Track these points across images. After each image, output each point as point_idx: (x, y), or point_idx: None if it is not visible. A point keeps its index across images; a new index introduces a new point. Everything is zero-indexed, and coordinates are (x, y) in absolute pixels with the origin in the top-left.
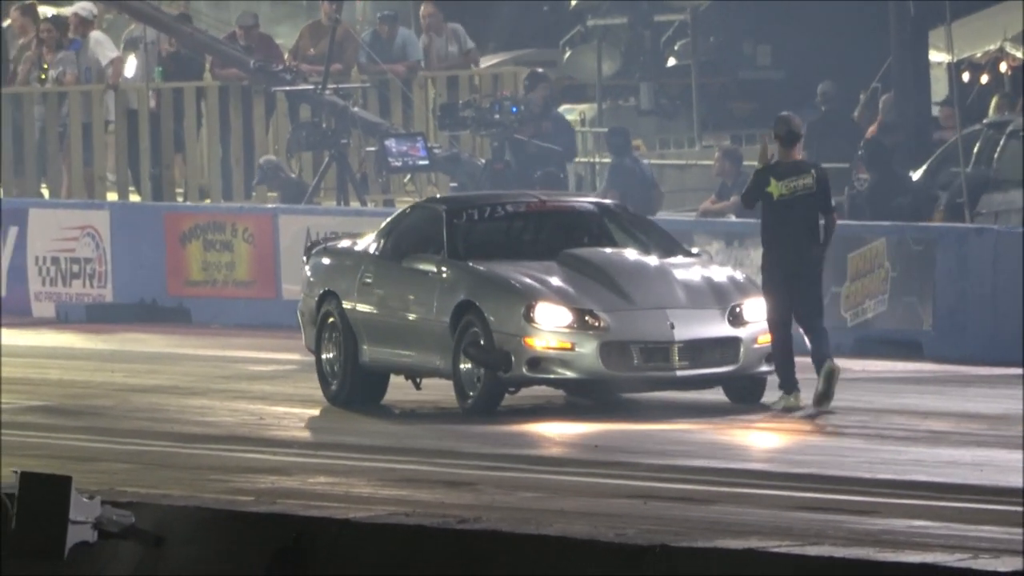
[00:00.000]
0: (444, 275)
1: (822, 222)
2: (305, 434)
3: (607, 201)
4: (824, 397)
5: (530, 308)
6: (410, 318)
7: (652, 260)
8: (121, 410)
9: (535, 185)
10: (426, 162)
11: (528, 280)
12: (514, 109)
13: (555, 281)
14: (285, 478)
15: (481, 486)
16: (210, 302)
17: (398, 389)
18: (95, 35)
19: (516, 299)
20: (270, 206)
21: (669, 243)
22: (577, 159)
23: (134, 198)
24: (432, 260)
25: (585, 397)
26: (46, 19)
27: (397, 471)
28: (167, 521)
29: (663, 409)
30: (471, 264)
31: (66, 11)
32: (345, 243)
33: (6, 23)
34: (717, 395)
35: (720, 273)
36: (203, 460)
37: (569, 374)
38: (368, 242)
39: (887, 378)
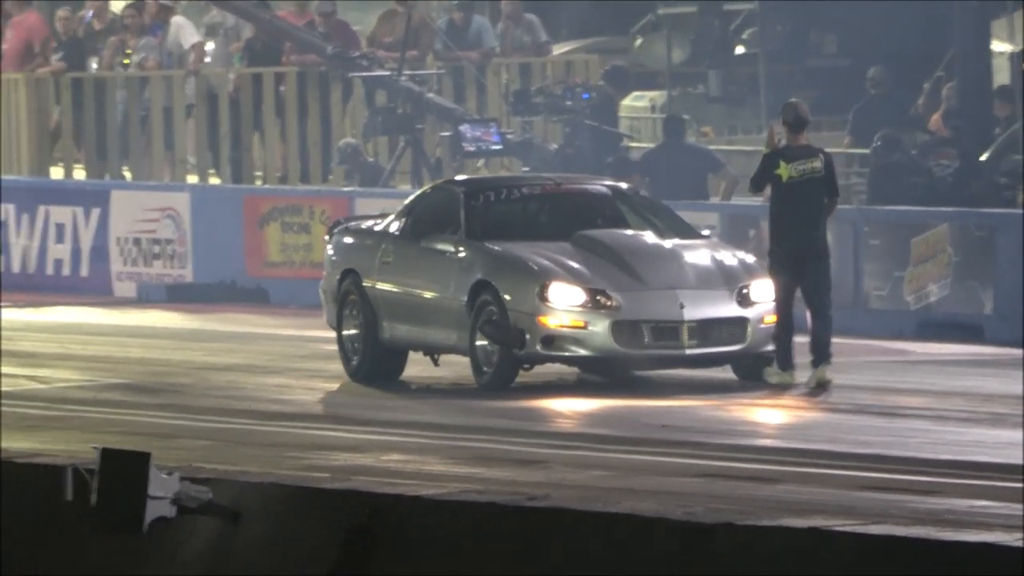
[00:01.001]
0: (461, 255)
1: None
2: (379, 412)
3: (621, 184)
4: (821, 382)
5: (544, 288)
6: (428, 296)
7: (663, 242)
8: (200, 388)
9: (606, 170)
10: (499, 147)
11: (543, 260)
12: (585, 95)
13: (569, 262)
14: (359, 455)
15: (551, 464)
16: (288, 283)
17: (416, 365)
18: (177, 20)
19: (531, 279)
20: (347, 189)
21: (680, 226)
22: (648, 144)
23: (214, 181)
24: (450, 240)
25: (597, 374)
26: (129, 4)
27: (469, 449)
28: (244, 497)
29: (695, 387)
30: (488, 244)
31: None
32: (366, 223)
33: (86, 11)
34: (725, 372)
35: (729, 255)
36: (280, 438)
37: (582, 352)
38: (388, 222)
39: (949, 361)
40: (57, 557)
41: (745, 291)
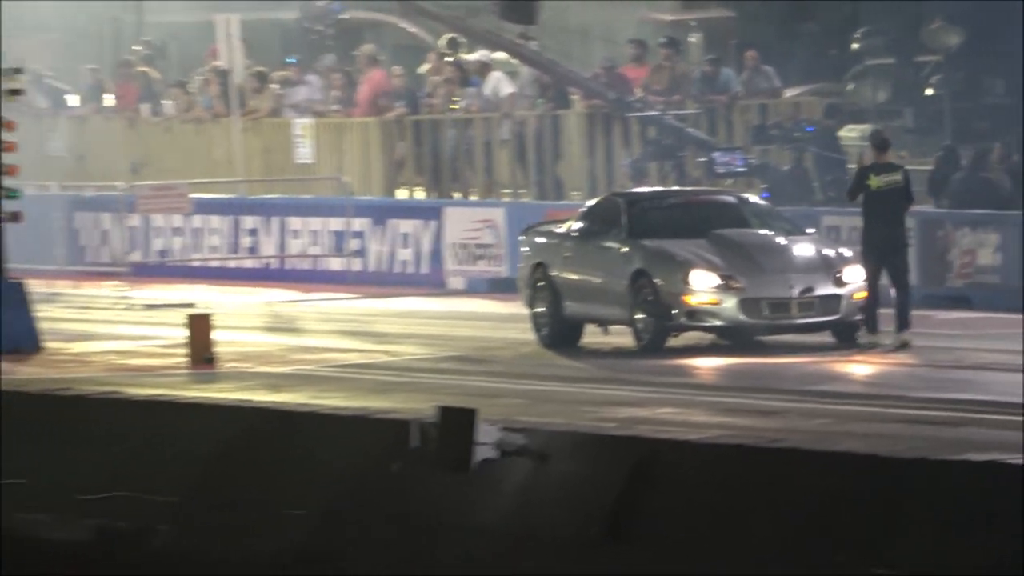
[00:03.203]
0: (624, 250)
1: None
2: (653, 376)
3: (745, 195)
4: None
5: (687, 274)
6: (598, 282)
7: (777, 237)
8: (515, 359)
9: (827, 188)
10: (743, 169)
11: (686, 253)
12: (809, 128)
13: (706, 254)
14: (640, 409)
15: (787, 414)
16: None
17: (589, 335)
18: (495, 75)
19: (677, 267)
20: None
21: (790, 225)
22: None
23: (524, 199)
24: (615, 238)
25: (727, 339)
26: (455, 62)
27: (724, 403)
28: (551, 443)
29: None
30: (644, 241)
31: (471, 57)
32: (551, 226)
33: (424, 68)
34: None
35: (827, 247)
36: (578, 396)
37: (716, 322)
38: (568, 225)
39: None
40: (405, 492)
41: (839, 275)
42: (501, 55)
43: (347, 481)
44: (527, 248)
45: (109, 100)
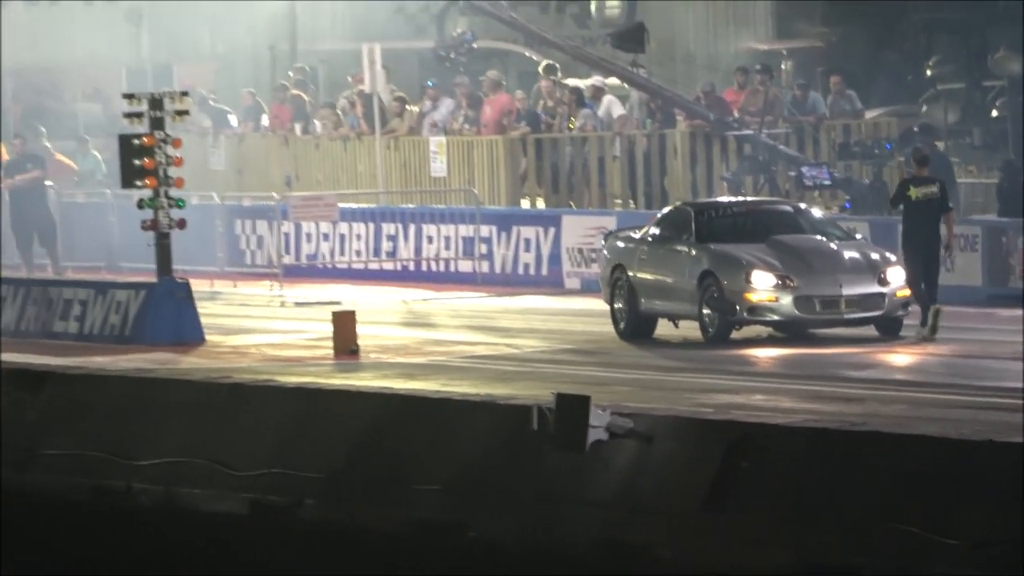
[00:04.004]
0: (692, 253)
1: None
2: (744, 366)
3: (801, 204)
4: (933, 330)
5: (749, 274)
6: (670, 281)
7: (828, 242)
8: (623, 351)
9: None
10: (829, 183)
11: (748, 256)
12: (888, 146)
13: (765, 257)
14: (734, 396)
15: (867, 401)
16: None
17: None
18: (608, 98)
19: (740, 268)
20: None
21: (839, 231)
22: None
23: (633, 208)
24: (685, 243)
25: (783, 332)
26: (568, 87)
27: (809, 391)
28: (656, 426)
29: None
30: (710, 245)
31: (585, 83)
32: (629, 232)
33: (536, 87)
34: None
35: (873, 251)
36: (680, 384)
37: (774, 317)
38: (643, 231)
39: None
40: (525, 468)
41: (883, 275)
42: (613, 80)
43: (474, 460)
44: (607, 251)
45: (265, 120)
